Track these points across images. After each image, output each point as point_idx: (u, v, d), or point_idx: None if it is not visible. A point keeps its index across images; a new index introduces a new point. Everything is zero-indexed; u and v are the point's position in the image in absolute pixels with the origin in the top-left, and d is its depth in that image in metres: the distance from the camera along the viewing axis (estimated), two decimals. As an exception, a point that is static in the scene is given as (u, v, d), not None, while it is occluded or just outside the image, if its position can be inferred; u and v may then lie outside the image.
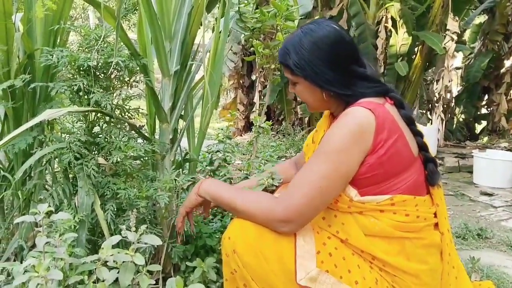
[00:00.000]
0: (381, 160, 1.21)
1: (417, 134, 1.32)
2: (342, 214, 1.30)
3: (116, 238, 1.08)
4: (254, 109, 6.59)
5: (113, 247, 1.11)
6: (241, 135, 6.99)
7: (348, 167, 1.20)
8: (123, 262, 1.07)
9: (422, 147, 1.33)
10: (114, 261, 1.06)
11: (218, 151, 3.08)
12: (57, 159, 1.69)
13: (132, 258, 1.05)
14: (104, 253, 1.03)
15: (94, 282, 1.05)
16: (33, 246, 1.84)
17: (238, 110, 7.00)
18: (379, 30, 5.70)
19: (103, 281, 1.05)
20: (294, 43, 1.33)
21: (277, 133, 6.33)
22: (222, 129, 2.59)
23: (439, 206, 1.36)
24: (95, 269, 1.05)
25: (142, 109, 1.89)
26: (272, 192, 1.55)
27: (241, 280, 1.25)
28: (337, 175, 1.20)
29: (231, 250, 1.24)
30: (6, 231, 1.96)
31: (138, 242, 1.10)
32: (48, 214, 1.05)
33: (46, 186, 2.00)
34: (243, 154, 4.56)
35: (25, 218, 1.07)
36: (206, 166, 2.80)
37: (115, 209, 1.63)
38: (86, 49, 1.68)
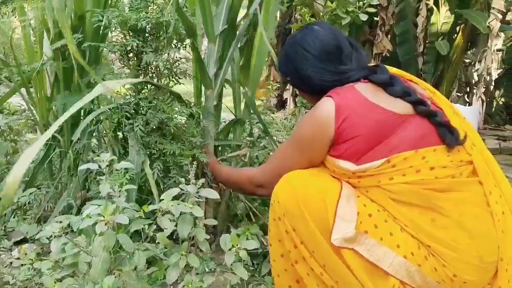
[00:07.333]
0: (353, 134, 1.25)
1: (403, 95, 1.29)
2: (370, 188, 1.28)
3: (175, 191, 1.09)
4: (287, 87, 6.49)
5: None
6: (273, 113, 6.92)
7: (310, 153, 1.34)
8: (181, 214, 1.07)
9: (416, 103, 1.28)
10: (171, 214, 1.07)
11: (257, 122, 3.07)
12: (107, 120, 1.71)
13: (191, 209, 1.06)
14: (164, 203, 1.04)
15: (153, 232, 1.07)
16: (82, 204, 1.89)
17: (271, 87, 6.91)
18: (420, 7, 5.51)
19: (162, 230, 1.06)
20: (281, 54, 1.48)
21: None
22: (262, 100, 2.57)
23: (473, 155, 1.27)
24: (155, 218, 1.06)
25: (189, 74, 1.89)
26: None
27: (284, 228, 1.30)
28: (300, 157, 1.37)
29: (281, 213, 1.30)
30: (55, 191, 2.01)
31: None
32: (110, 163, 1.06)
33: (93, 149, 2.04)
34: (278, 131, 4.54)
35: (89, 165, 1.09)
36: (246, 137, 2.80)
37: (161, 169, 1.66)
38: (136, 10, 1.68)
